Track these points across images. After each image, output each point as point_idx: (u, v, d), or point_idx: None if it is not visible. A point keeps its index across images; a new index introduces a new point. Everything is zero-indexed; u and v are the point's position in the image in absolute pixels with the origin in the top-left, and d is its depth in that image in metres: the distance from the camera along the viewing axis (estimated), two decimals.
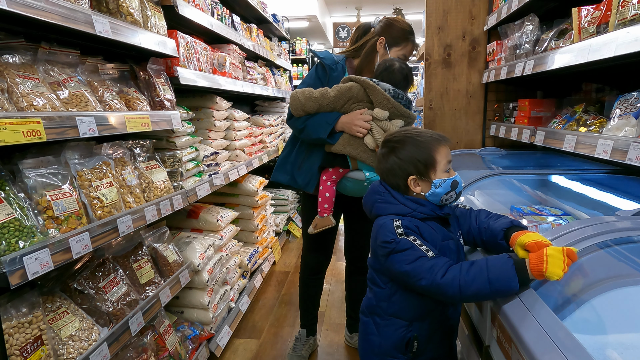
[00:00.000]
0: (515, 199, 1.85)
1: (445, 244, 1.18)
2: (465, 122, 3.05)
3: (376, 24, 2.04)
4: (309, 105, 1.83)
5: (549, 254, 0.94)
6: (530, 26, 2.17)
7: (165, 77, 1.99)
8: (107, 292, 1.56)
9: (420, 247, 1.10)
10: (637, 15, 1.24)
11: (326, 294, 3.17)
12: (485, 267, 1.01)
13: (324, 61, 1.97)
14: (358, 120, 1.78)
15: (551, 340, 0.80)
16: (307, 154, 1.99)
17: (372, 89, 1.76)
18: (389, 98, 1.76)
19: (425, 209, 1.18)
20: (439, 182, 1.18)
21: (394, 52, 2.00)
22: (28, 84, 1.28)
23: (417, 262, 1.08)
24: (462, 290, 1.02)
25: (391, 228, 1.15)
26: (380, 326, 1.26)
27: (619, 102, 1.48)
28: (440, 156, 1.19)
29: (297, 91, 1.87)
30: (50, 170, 1.35)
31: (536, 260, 0.95)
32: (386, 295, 1.25)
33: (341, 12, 10.40)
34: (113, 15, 1.57)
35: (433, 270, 1.05)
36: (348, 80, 1.85)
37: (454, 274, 1.03)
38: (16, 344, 1.18)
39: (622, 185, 1.89)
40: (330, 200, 1.95)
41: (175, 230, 2.47)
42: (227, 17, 2.98)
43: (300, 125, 1.89)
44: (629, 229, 1.13)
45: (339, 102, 1.82)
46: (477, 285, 1.00)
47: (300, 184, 1.99)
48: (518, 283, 0.96)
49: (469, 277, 1.01)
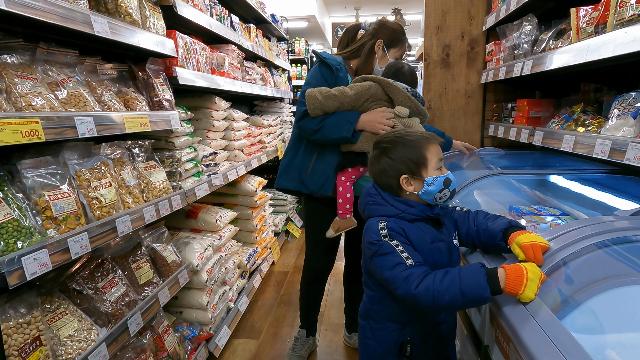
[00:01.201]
0: (513, 199, 1.85)
1: (435, 246, 1.18)
2: (464, 122, 3.05)
3: (367, 26, 2.07)
4: (329, 103, 1.81)
5: (529, 278, 0.93)
6: (528, 26, 2.17)
7: (164, 77, 1.99)
8: (105, 293, 1.55)
9: (401, 254, 1.10)
10: (635, 16, 1.24)
11: (325, 294, 3.17)
12: (458, 278, 1.01)
13: (329, 62, 1.95)
14: (381, 118, 1.79)
15: (550, 340, 0.80)
16: (317, 156, 1.95)
17: (393, 88, 1.80)
18: (409, 96, 1.79)
19: (414, 210, 1.19)
20: (431, 180, 1.18)
21: (392, 54, 2.03)
22: (26, 84, 1.27)
23: (395, 269, 1.08)
24: (436, 301, 1.02)
25: (376, 229, 1.16)
26: (374, 330, 1.26)
27: (617, 102, 1.49)
28: (431, 154, 1.20)
29: (313, 90, 1.83)
30: (49, 171, 1.35)
31: (514, 280, 0.94)
32: (378, 298, 1.25)
33: (340, 12, 10.40)
34: (112, 15, 1.57)
35: (409, 280, 1.05)
36: (363, 79, 1.87)
37: (428, 284, 1.03)
38: (15, 344, 1.17)
39: (621, 185, 1.90)
40: (351, 200, 1.94)
41: (174, 230, 2.46)
42: (226, 17, 2.98)
43: (316, 126, 1.85)
44: (627, 228, 1.13)
45: (359, 100, 1.83)
46: (450, 295, 1.00)
47: (312, 188, 1.94)
48: (490, 293, 0.96)
49: (442, 288, 1.01)
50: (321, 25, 9.13)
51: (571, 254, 1.06)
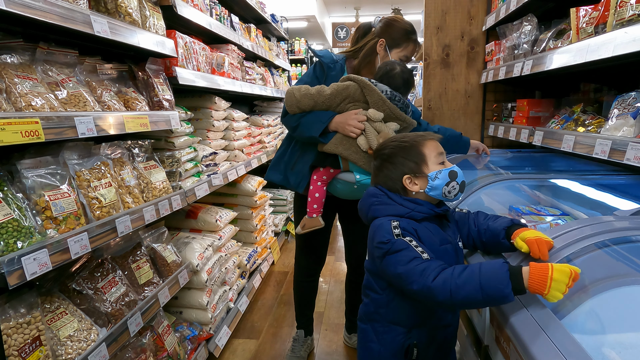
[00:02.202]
0: (514, 199, 1.85)
1: (443, 248, 1.17)
2: (464, 122, 3.05)
3: (376, 23, 2.00)
4: (305, 102, 1.80)
5: (554, 278, 0.87)
6: (528, 26, 2.17)
7: (163, 77, 1.99)
8: (105, 293, 1.55)
9: (416, 249, 1.08)
10: (635, 16, 1.24)
11: (325, 294, 3.17)
12: (478, 272, 0.96)
13: (322, 60, 1.94)
14: (352, 120, 1.74)
15: (550, 340, 0.80)
16: (301, 153, 1.95)
17: (369, 89, 1.73)
18: (384, 99, 1.72)
19: (424, 208, 1.18)
20: (434, 175, 1.18)
21: (395, 54, 1.95)
22: (26, 84, 1.27)
23: (410, 263, 1.05)
24: (453, 295, 0.96)
25: (388, 228, 1.13)
26: (379, 333, 1.24)
27: (617, 102, 1.49)
28: (428, 149, 1.20)
29: (293, 88, 1.83)
30: (49, 171, 1.35)
31: (537, 280, 0.89)
32: (384, 301, 1.23)
33: (340, 12, 10.41)
34: (111, 15, 1.57)
35: (425, 273, 1.01)
36: (347, 79, 1.82)
37: (445, 277, 0.99)
38: (14, 344, 1.17)
39: (620, 185, 1.89)
40: (320, 200, 1.90)
41: (174, 230, 2.46)
42: (226, 17, 2.98)
43: (294, 123, 1.85)
44: (627, 228, 1.13)
45: (335, 100, 1.79)
46: (468, 289, 0.95)
47: (292, 184, 1.95)
48: (512, 290, 0.90)
49: (460, 281, 0.96)
50: (321, 25, 9.13)
51: (571, 254, 1.06)
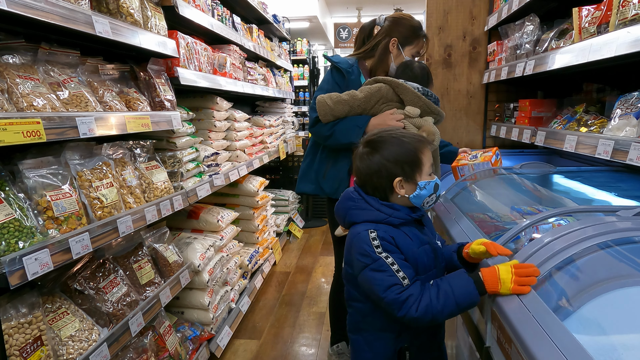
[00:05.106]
0: (515, 199, 1.84)
1: (422, 249, 1.18)
2: (466, 122, 3.04)
3: (382, 22, 2.00)
4: (339, 108, 1.80)
5: (502, 278, 1.02)
6: (530, 26, 2.17)
7: (165, 77, 1.99)
8: (107, 293, 1.56)
9: (397, 273, 1.09)
10: (638, 15, 1.24)
11: (326, 294, 3.17)
12: (452, 292, 1.07)
13: (340, 66, 1.93)
14: (390, 120, 1.76)
15: (551, 341, 0.80)
16: (332, 160, 1.95)
17: (403, 88, 1.76)
18: (419, 96, 1.75)
19: (401, 213, 1.17)
20: (424, 184, 1.17)
21: (408, 51, 1.96)
22: (28, 84, 1.28)
23: (391, 291, 1.08)
24: (435, 319, 1.07)
25: (367, 240, 1.12)
26: (370, 342, 1.24)
27: (619, 102, 1.48)
28: (426, 158, 1.19)
29: (323, 96, 1.82)
30: (50, 171, 1.35)
31: (491, 282, 1.04)
32: (369, 309, 1.22)
33: (342, 12, 10.39)
34: (113, 15, 1.57)
35: (408, 303, 1.07)
36: (374, 81, 1.83)
37: (426, 304, 1.07)
38: (16, 344, 1.17)
39: (623, 185, 1.89)
40: None
41: (176, 230, 2.47)
42: (228, 18, 2.98)
43: (327, 132, 1.84)
44: (629, 229, 1.13)
45: (369, 102, 1.80)
46: (448, 310, 1.07)
47: (327, 192, 1.95)
48: (479, 296, 1.06)
49: (439, 306, 1.07)
50: (323, 25, 9.13)
51: (573, 254, 1.06)
